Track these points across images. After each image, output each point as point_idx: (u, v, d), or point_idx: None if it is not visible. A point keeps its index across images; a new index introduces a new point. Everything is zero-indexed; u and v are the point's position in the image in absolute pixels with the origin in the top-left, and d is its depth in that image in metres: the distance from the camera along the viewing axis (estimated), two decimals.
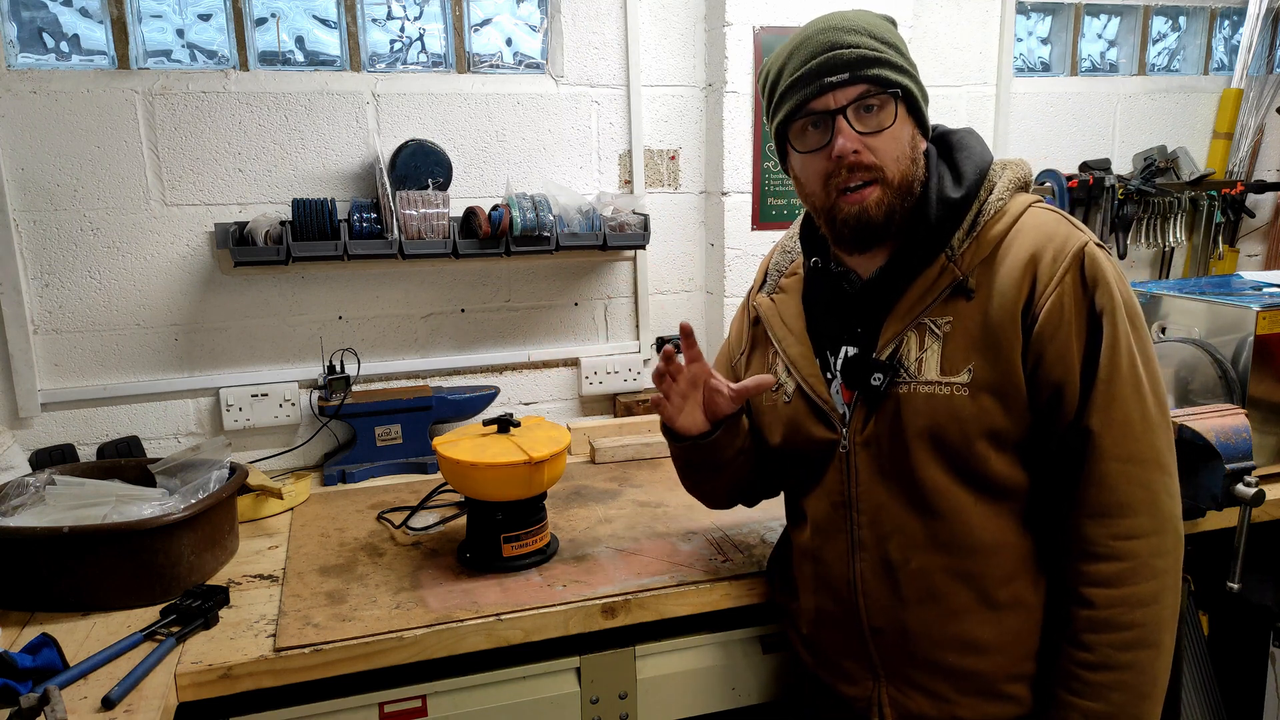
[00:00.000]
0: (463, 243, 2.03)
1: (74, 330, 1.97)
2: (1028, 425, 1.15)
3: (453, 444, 1.55)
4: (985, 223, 1.18)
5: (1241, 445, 1.62)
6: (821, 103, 1.15)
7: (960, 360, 1.15)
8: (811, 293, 1.33)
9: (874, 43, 1.15)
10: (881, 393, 1.19)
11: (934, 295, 1.18)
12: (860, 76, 1.13)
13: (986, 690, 1.21)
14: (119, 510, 1.50)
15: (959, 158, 1.22)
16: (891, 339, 1.20)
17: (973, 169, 1.20)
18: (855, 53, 1.13)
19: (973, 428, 1.15)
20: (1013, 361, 1.13)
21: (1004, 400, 1.14)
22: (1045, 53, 2.75)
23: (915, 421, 1.17)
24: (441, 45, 2.20)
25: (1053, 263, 1.13)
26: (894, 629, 1.23)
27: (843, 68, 1.13)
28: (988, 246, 1.17)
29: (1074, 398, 1.12)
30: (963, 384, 1.15)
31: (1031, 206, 1.19)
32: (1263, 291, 1.93)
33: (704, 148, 2.32)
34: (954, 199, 1.18)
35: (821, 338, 1.29)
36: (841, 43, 1.14)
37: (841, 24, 1.16)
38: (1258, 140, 2.79)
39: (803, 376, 1.28)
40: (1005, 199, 1.19)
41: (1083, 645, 1.13)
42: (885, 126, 1.15)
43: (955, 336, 1.16)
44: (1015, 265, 1.14)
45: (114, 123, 1.92)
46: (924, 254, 1.19)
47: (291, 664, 1.30)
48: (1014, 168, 1.22)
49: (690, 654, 1.53)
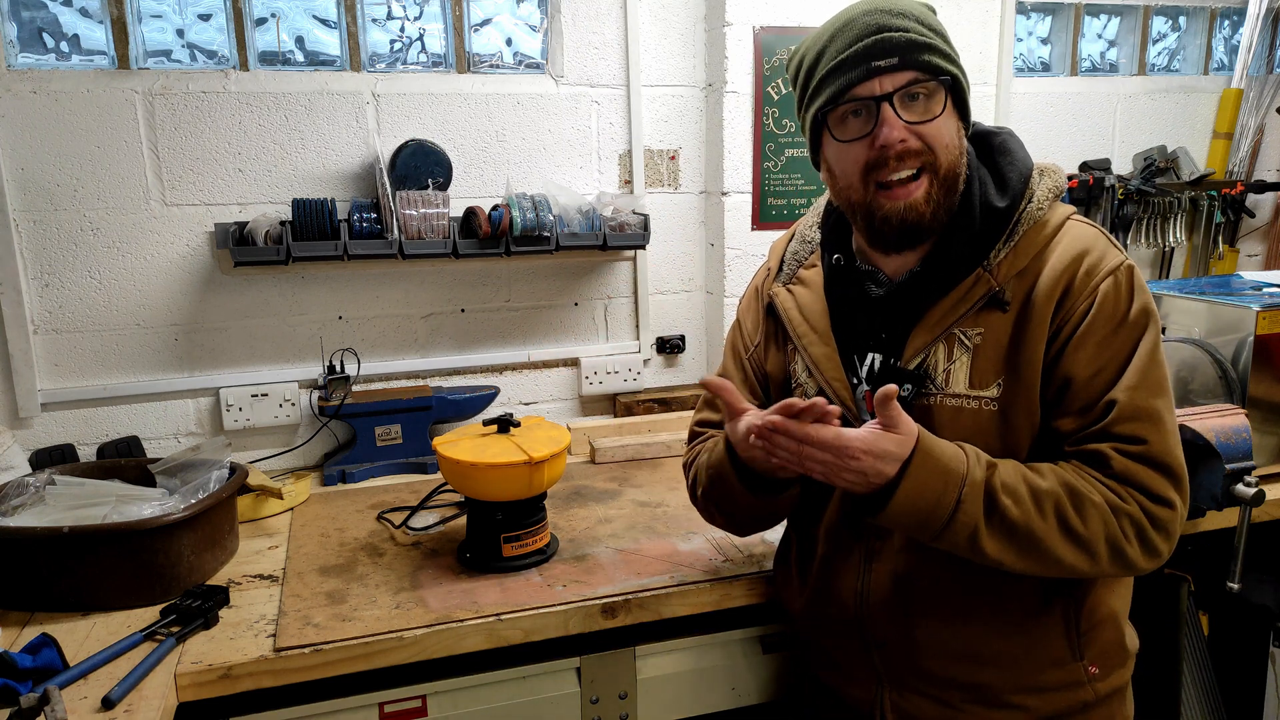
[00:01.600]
0: (463, 243, 2.03)
1: (74, 330, 1.97)
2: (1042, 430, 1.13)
3: (453, 444, 1.55)
4: (1025, 232, 1.13)
5: (1241, 445, 1.62)
6: (867, 88, 1.08)
7: (990, 374, 1.12)
8: (833, 290, 1.26)
9: (922, 28, 1.09)
10: (908, 404, 1.15)
11: (968, 306, 1.13)
12: (910, 62, 1.07)
13: (993, 700, 1.20)
14: (119, 510, 1.50)
15: (1003, 163, 1.17)
16: (920, 349, 1.15)
17: (1018, 177, 1.15)
18: (905, 36, 1.07)
19: (999, 443, 1.12)
20: (1037, 369, 1.10)
21: (1030, 414, 1.11)
22: (1045, 53, 2.75)
23: (941, 434, 1.12)
24: (441, 45, 2.20)
25: (1086, 277, 1.10)
26: (900, 640, 1.22)
27: (892, 51, 1.07)
28: (1025, 257, 1.12)
29: (1086, 393, 1.09)
30: (992, 398, 1.12)
31: (1071, 219, 1.15)
32: (1263, 291, 1.93)
33: (704, 148, 2.32)
34: (999, 208, 1.13)
35: (845, 339, 1.23)
36: (890, 25, 1.08)
37: (888, 6, 1.10)
38: (1258, 140, 2.79)
39: (826, 380, 1.23)
40: (1045, 209, 1.14)
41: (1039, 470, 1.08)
42: (934, 115, 1.09)
43: (985, 349, 1.12)
44: (1051, 278, 1.11)
45: (114, 123, 1.92)
46: (962, 263, 1.14)
47: (291, 664, 1.30)
48: (1051, 175, 1.17)
49: (690, 654, 1.53)
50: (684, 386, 2.40)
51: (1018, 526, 1.05)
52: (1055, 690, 1.20)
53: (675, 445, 2.15)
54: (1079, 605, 1.19)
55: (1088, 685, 1.20)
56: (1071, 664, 1.20)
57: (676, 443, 2.15)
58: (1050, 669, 1.19)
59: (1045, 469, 1.09)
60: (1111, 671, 1.23)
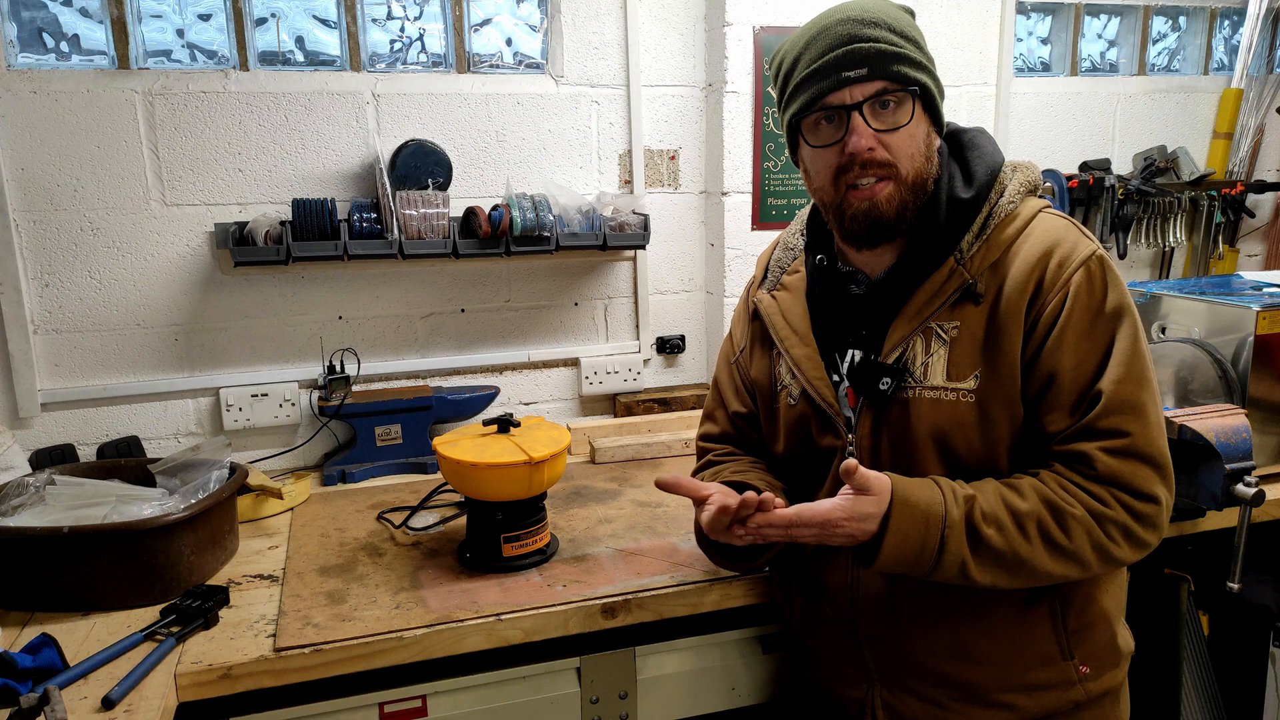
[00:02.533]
0: (463, 243, 2.03)
1: (74, 330, 1.97)
2: (1024, 425, 1.14)
3: (453, 444, 1.55)
4: (995, 225, 1.16)
5: (1241, 445, 1.62)
6: (838, 97, 1.12)
7: (967, 366, 1.14)
8: (816, 292, 1.30)
9: (894, 36, 1.11)
10: (888, 397, 1.17)
11: (942, 299, 1.16)
12: (879, 72, 1.10)
13: (981, 699, 1.20)
14: (119, 510, 1.50)
15: (970, 157, 1.19)
16: (898, 342, 1.18)
17: (984, 170, 1.18)
18: (875, 47, 1.10)
19: (977, 435, 1.14)
20: (1015, 364, 1.12)
21: (1009, 406, 1.13)
22: (1045, 53, 2.75)
23: (921, 427, 1.16)
24: (441, 45, 2.20)
25: (1059, 266, 1.12)
26: (890, 636, 1.23)
27: (861, 62, 1.10)
28: (997, 250, 1.15)
29: (1070, 388, 1.11)
30: (969, 390, 1.14)
31: (1042, 212, 1.18)
32: (1263, 291, 1.93)
33: (704, 148, 2.32)
34: (964, 199, 1.16)
35: (827, 339, 1.27)
36: (861, 35, 1.10)
37: (861, 15, 1.12)
38: (1258, 140, 2.79)
39: (808, 380, 1.26)
40: (1016, 202, 1.17)
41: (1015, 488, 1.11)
42: (901, 124, 1.12)
43: (962, 341, 1.15)
44: (1023, 270, 1.13)
45: (114, 123, 1.92)
46: (933, 255, 1.17)
47: (291, 664, 1.30)
48: (1024, 170, 1.20)
49: (690, 654, 1.53)
50: (684, 386, 2.41)
51: (1004, 554, 1.10)
52: (1045, 689, 1.20)
53: (675, 445, 2.15)
54: (1066, 604, 1.20)
55: (1078, 685, 1.21)
56: (1061, 663, 1.20)
57: (676, 443, 2.15)
58: (1039, 668, 1.19)
59: (1025, 486, 1.12)
60: (1104, 672, 1.23)
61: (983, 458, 1.15)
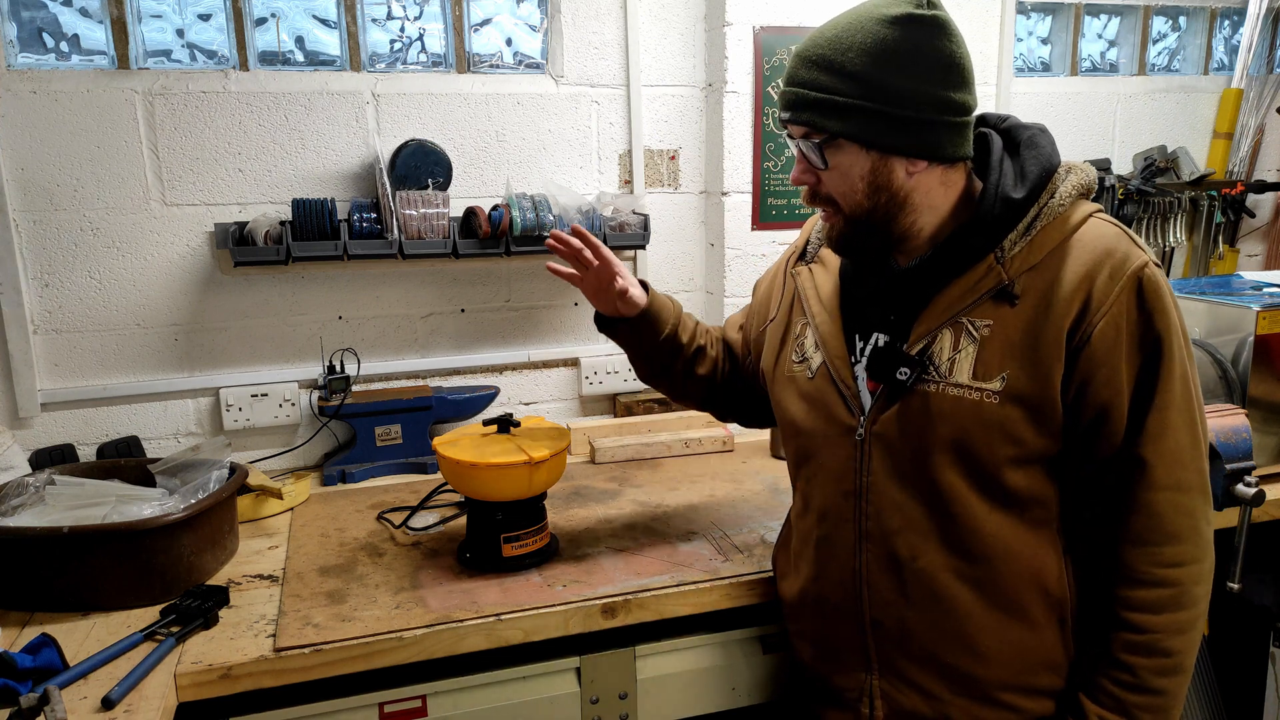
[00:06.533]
0: (463, 243, 2.03)
1: (74, 330, 1.97)
2: (1058, 445, 1.12)
3: (453, 444, 1.55)
4: (1042, 227, 1.13)
5: (1241, 445, 1.62)
6: (788, 127, 1.18)
7: (995, 367, 1.11)
8: (849, 271, 1.30)
9: (828, 78, 1.10)
10: (907, 388, 1.16)
11: (975, 295, 1.13)
12: (800, 118, 1.13)
13: (981, 695, 1.20)
14: (119, 510, 1.50)
15: (1025, 156, 1.17)
16: (924, 334, 1.16)
17: (1038, 169, 1.15)
18: (797, 94, 1.13)
19: (998, 437, 1.12)
20: (1051, 379, 1.09)
21: (1035, 415, 1.11)
22: (1045, 53, 2.75)
23: (939, 423, 1.14)
24: (441, 45, 2.20)
25: (1109, 281, 1.08)
26: (895, 624, 1.22)
27: (790, 105, 1.14)
28: (1040, 252, 1.12)
29: (1121, 422, 1.09)
30: (994, 391, 1.11)
31: (1092, 216, 1.14)
32: (1263, 291, 1.93)
33: (704, 148, 2.32)
34: (1015, 199, 1.13)
35: (854, 319, 1.26)
36: (796, 78, 1.13)
37: (811, 51, 1.12)
38: (1258, 140, 2.79)
39: (829, 355, 1.25)
40: (1066, 204, 1.13)
41: (1121, 666, 1.12)
42: (820, 168, 1.15)
43: (993, 341, 1.12)
44: (1070, 279, 1.09)
45: (114, 123, 1.92)
46: (973, 251, 1.15)
47: (291, 664, 1.30)
48: (1079, 172, 1.17)
49: (690, 654, 1.53)
50: None
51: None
52: (1048, 695, 1.19)
53: (675, 445, 2.15)
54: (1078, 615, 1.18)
55: None
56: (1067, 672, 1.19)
57: (676, 443, 2.15)
58: (1044, 672, 1.19)
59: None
60: None
61: (997, 459, 1.13)
